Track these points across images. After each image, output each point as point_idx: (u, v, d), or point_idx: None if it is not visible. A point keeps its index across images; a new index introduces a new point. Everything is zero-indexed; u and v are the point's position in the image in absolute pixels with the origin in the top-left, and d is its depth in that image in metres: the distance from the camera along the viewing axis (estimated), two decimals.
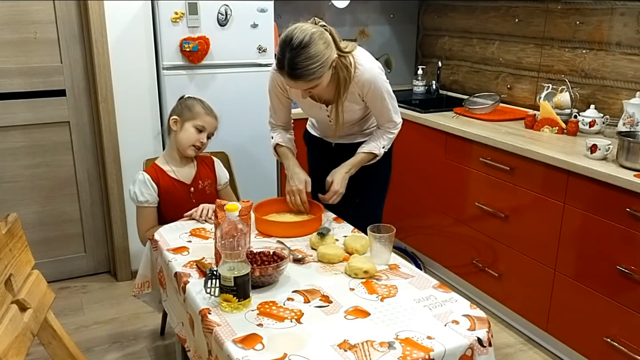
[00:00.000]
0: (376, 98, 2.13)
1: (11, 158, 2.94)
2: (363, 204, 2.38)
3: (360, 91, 2.09)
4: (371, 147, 2.23)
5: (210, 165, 2.42)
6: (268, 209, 2.16)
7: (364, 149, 2.24)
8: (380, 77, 2.10)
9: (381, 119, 2.24)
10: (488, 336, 1.43)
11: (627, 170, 2.18)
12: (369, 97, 2.12)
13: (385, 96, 2.15)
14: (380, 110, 2.20)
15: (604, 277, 2.25)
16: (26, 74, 2.87)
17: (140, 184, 2.25)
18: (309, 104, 2.20)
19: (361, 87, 2.08)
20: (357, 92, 2.10)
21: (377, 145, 2.23)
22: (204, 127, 2.27)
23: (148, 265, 2.12)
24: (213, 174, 2.41)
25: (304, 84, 1.90)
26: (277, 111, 2.31)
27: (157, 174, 2.29)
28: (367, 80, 2.07)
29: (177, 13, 2.84)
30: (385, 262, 1.78)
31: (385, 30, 4.01)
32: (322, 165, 2.33)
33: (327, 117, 2.22)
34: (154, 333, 2.70)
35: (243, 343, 1.37)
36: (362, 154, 2.23)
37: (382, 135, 2.25)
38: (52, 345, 1.61)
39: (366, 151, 2.22)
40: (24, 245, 1.57)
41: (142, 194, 2.24)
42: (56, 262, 3.14)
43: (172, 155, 2.33)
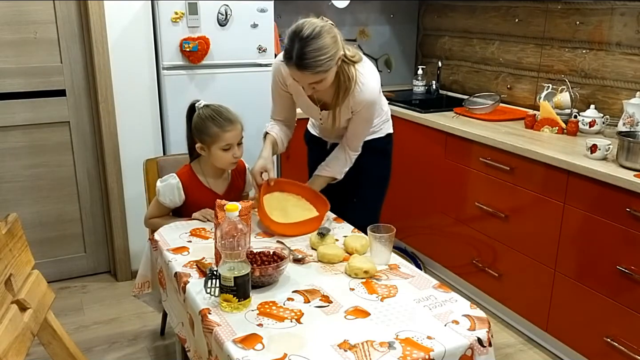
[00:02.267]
0: (361, 120, 2.16)
1: (11, 158, 2.94)
2: (360, 205, 2.37)
3: (354, 107, 2.11)
4: (334, 172, 2.24)
5: (242, 173, 2.34)
6: (274, 187, 2.14)
7: (325, 171, 2.24)
8: (375, 104, 2.15)
9: (352, 142, 2.23)
10: (488, 336, 1.43)
11: (627, 170, 2.18)
12: (356, 115, 2.14)
13: (369, 122, 2.19)
14: (356, 132, 2.21)
15: (604, 277, 2.25)
16: (26, 74, 2.87)
17: (168, 187, 2.17)
18: (306, 103, 2.20)
19: (357, 103, 2.09)
20: (351, 106, 2.11)
21: (339, 170, 2.24)
22: (229, 144, 2.12)
23: (148, 265, 2.11)
24: (242, 183, 2.34)
25: (311, 76, 1.89)
26: (277, 104, 2.29)
27: (190, 181, 2.19)
28: (364, 101, 2.08)
29: (177, 13, 2.84)
30: (385, 262, 1.78)
31: (385, 30, 4.01)
32: (317, 161, 2.34)
33: (320, 120, 2.26)
34: (154, 333, 2.70)
35: (243, 343, 1.37)
36: (324, 178, 2.24)
37: (345, 159, 2.24)
38: (52, 345, 1.61)
39: (328, 175, 2.23)
40: (24, 245, 1.57)
41: (164, 196, 2.17)
42: (56, 262, 3.14)
43: (208, 169, 2.22)
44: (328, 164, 2.25)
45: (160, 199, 2.19)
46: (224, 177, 2.27)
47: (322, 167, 2.25)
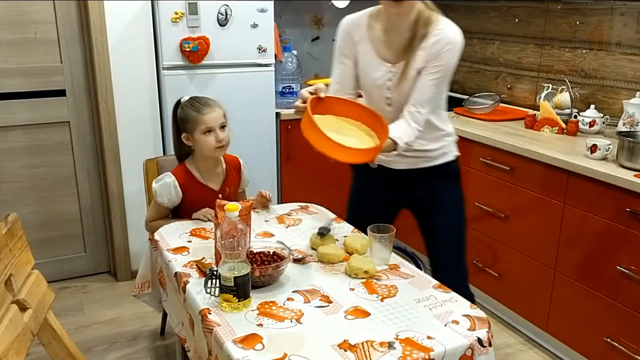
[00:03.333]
0: (431, 78, 1.84)
1: (11, 158, 2.94)
2: (444, 237, 2.11)
3: (429, 55, 1.82)
4: (394, 133, 1.80)
5: (237, 169, 2.35)
6: (327, 107, 1.77)
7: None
8: (455, 52, 1.83)
9: (415, 111, 1.85)
10: (488, 336, 1.43)
11: (627, 170, 2.18)
12: (428, 70, 1.83)
13: (439, 83, 1.86)
14: (421, 96, 1.85)
15: (604, 277, 2.25)
16: (26, 74, 2.87)
17: (165, 186, 2.17)
18: (372, 63, 1.92)
19: (434, 45, 1.81)
20: (426, 55, 1.83)
21: (400, 135, 1.82)
22: (209, 127, 2.15)
23: (148, 265, 2.11)
24: (238, 179, 2.34)
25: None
26: (336, 75, 2.01)
27: (186, 179, 2.20)
28: (443, 40, 1.81)
29: (177, 13, 2.84)
30: (385, 262, 1.78)
31: None
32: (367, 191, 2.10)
33: (386, 93, 1.93)
34: (154, 333, 2.70)
35: (243, 343, 1.37)
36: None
37: (407, 126, 1.85)
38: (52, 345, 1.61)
39: (391, 137, 1.79)
40: (24, 245, 1.57)
41: (162, 195, 2.18)
42: (56, 262, 3.14)
43: (200, 164, 2.24)
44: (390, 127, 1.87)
45: (158, 200, 2.19)
46: (218, 172, 2.28)
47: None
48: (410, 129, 1.85)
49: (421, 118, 1.86)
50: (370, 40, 1.92)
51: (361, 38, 1.94)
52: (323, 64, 3.86)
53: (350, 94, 2.00)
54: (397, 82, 1.89)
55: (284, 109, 3.25)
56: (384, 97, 1.95)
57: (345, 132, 1.72)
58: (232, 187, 2.30)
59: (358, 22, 1.95)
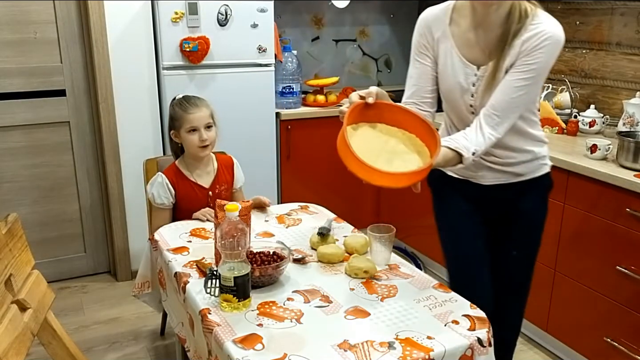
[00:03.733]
0: (526, 67, 1.55)
1: (11, 158, 2.94)
2: (518, 258, 1.87)
3: (519, 52, 1.55)
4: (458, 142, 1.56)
5: (229, 168, 2.37)
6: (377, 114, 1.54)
7: (445, 141, 1.56)
8: (556, 47, 1.56)
9: (493, 114, 1.57)
10: (488, 336, 1.43)
11: (627, 170, 2.18)
12: (520, 62, 1.55)
13: (535, 76, 1.55)
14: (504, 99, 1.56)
15: (604, 277, 2.25)
16: (26, 74, 2.87)
17: (159, 186, 2.22)
18: (455, 65, 1.66)
19: (528, 39, 1.53)
20: (515, 55, 1.56)
21: (465, 143, 1.56)
22: (194, 126, 2.20)
23: (148, 265, 2.11)
24: (231, 178, 2.37)
25: None
26: (412, 78, 1.77)
27: (176, 177, 2.25)
28: (541, 35, 1.53)
29: (177, 13, 2.84)
30: (385, 262, 1.78)
31: (385, 30, 4.01)
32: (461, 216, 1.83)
33: (469, 100, 1.67)
34: (154, 333, 2.70)
35: (243, 343, 1.37)
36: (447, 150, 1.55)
37: (476, 132, 1.59)
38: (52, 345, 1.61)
39: (449, 145, 1.55)
40: (24, 245, 1.57)
41: (160, 196, 2.21)
42: (56, 262, 3.14)
43: (190, 162, 2.29)
44: (453, 136, 1.62)
45: (158, 202, 2.22)
46: (208, 170, 2.32)
47: (450, 139, 1.60)
48: (482, 137, 1.57)
49: (499, 124, 1.57)
50: (453, 38, 1.66)
51: (443, 35, 1.68)
52: (323, 63, 3.87)
53: (427, 99, 1.76)
54: (484, 87, 1.61)
55: (284, 109, 3.25)
56: (467, 104, 1.69)
57: (390, 148, 1.50)
58: (223, 186, 2.33)
59: (439, 17, 1.68)
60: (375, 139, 1.51)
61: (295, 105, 3.32)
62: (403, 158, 1.48)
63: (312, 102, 3.39)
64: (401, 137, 1.54)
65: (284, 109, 3.25)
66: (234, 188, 2.39)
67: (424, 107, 1.76)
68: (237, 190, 2.41)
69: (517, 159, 1.73)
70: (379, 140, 1.52)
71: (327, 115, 3.33)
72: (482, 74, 1.63)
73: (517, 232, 1.82)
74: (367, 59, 4.02)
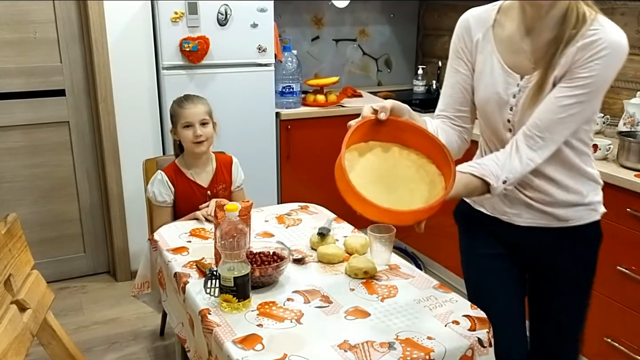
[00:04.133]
0: (579, 81, 1.29)
1: (11, 158, 2.94)
2: (555, 326, 1.61)
3: (572, 61, 1.29)
4: (484, 169, 1.32)
5: (228, 168, 2.38)
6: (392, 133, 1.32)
7: (471, 167, 1.33)
8: (618, 58, 1.28)
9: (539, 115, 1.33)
10: (488, 336, 1.43)
11: (628, 170, 2.18)
12: (571, 74, 1.30)
13: (590, 92, 1.29)
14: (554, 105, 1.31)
15: (604, 277, 2.24)
16: (26, 74, 2.87)
17: (159, 183, 2.24)
18: (494, 72, 1.43)
19: (584, 47, 1.28)
20: (566, 65, 1.30)
21: (493, 169, 1.32)
22: (188, 122, 2.23)
23: (148, 265, 2.11)
24: (229, 177, 2.38)
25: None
26: (447, 87, 1.54)
27: (175, 175, 2.27)
28: (599, 42, 1.26)
29: (177, 13, 2.83)
30: (385, 262, 1.78)
31: (385, 30, 4.01)
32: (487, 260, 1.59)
33: (507, 115, 1.42)
34: (154, 333, 2.70)
35: (243, 343, 1.36)
36: (465, 176, 1.31)
37: (510, 154, 1.34)
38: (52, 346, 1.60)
39: (473, 173, 1.32)
40: (23, 245, 1.56)
41: (161, 194, 2.24)
42: (56, 262, 3.14)
43: (189, 160, 2.31)
44: (478, 160, 1.37)
45: (158, 200, 2.23)
46: (207, 170, 2.33)
47: (474, 163, 1.36)
48: (519, 160, 1.32)
49: (541, 147, 1.32)
50: (495, 41, 1.43)
51: (484, 38, 1.45)
52: (323, 63, 3.87)
53: (463, 113, 1.53)
54: (526, 100, 1.36)
55: (284, 109, 3.25)
56: (505, 119, 1.43)
57: (398, 173, 1.29)
58: (221, 185, 2.34)
59: (482, 17, 1.46)
60: (382, 161, 1.30)
61: (295, 105, 3.32)
62: (409, 187, 1.27)
63: (312, 102, 3.39)
64: (414, 162, 1.31)
65: (284, 109, 3.25)
66: (232, 188, 2.39)
67: (458, 122, 1.53)
68: (236, 190, 2.41)
69: (561, 197, 1.44)
70: (386, 163, 1.30)
71: (327, 115, 3.33)
72: (526, 84, 1.38)
73: (559, 289, 1.54)
74: (367, 58, 4.02)
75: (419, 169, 1.30)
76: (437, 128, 1.48)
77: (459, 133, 1.55)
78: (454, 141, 1.52)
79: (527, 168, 1.33)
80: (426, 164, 1.30)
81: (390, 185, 1.25)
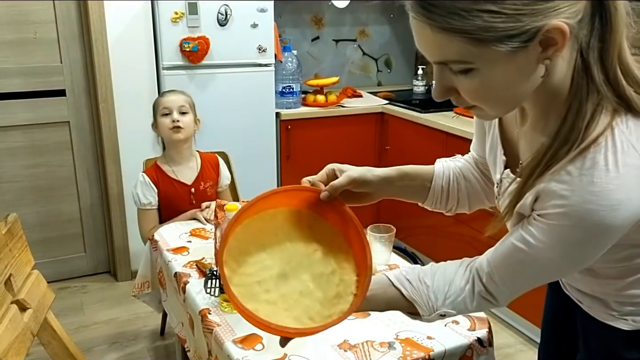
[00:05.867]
0: (535, 229, 0.89)
1: (11, 158, 2.94)
2: None
3: (534, 196, 0.88)
4: (415, 295, 1.00)
5: (215, 166, 2.40)
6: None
7: (401, 284, 1.01)
8: (584, 230, 0.83)
9: (496, 249, 1.00)
10: (488, 336, 1.43)
11: None
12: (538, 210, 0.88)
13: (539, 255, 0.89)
14: (509, 242, 0.95)
15: None
16: (26, 74, 2.87)
17: (142, 185, 2.25)
18: (493, 150, 1.09)
19: (542, 193, 0.86)
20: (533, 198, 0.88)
21: (428, 303, 1.00)
22: (167, 108, 2.25)
23: (148, 265, 2.12)
24: (216, 175, 2.39)
25: (430, 33, 0.79)
26: (474, 123, 1.22)
27: (157, 175, 2.28)
28: (556, 200, 0.84)
29: (177, 13, 2.84)
30: (385, 262, 1.78)
31: (385, 30, 4.01)
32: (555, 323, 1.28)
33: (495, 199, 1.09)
34: (154, 333, 2.70)
35: (243, 343, 1.37)
36: (392, 296, 1.02)
37: (461, 286, 1.01)
38: (52, 345, 1.60)
39: (404, 294, 1.00)
40: (23, 245, 1.56)
41: (145, 196, 2.24)
42: (56, 262, 3.14)
43: (170, 155, 2.32)
44: (415, 276, 1.02)
45: (143, 202, 2.26)
46: (190, 166, 2.33)
47: (403, 275, 1.02)
48: (471, 297, 0.99)
49: (494, 288, 0.97)
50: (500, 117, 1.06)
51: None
52: (323, 64, 3.87)
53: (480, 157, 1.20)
54: (502, 205, 1.03)
55: (284, 109, 3.25)
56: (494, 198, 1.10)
57: (302, 260, 1.00)
58: (208, 183, 2.34)
59: None
60: (297, 252, 1.01)
61: (295, 105, 3.32)
62: (301, 280, 0.98)
63: (312, 102, 3.39)
64: (336, 253, 1.01)
65: (284, 109, 3.25)
66: (219, 187, 2.40)
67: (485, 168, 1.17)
68: (223, 189, 2.42)
69: (607, 298, 1.02)
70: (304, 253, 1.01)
71: (327, 116, 3.33)
72: (507, 180, 1.01)
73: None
74: (367, 59, 4.02)
75: (337, 262, 1.01)
76: (454, 167, 1.20)
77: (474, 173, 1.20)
78: (468, 175, 1.20)
79: (480, 307, 1.00)
80: (349, 257, 1.01)
81: (280, 272, 0.98)
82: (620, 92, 0.82)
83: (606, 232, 0.82)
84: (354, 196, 1.09)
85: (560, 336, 1.27)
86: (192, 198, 2.29)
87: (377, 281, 1.02)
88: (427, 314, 1.00)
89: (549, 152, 0.84)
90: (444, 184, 1.17)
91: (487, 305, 0.99)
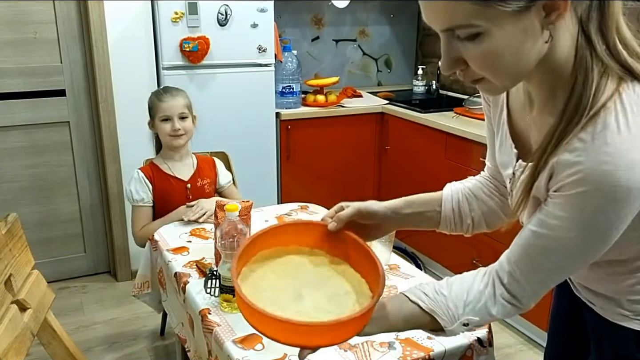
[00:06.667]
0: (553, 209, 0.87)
1: (11, 158, 2.94)
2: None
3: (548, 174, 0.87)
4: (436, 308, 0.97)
5: (212, 166, 2.41)
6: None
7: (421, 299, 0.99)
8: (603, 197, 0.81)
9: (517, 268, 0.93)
10: (488, 336, 1.43)
11: None
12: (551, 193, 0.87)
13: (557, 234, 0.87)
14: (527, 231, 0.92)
15: None
16: (26, 74, 2.87)
17: (135, 181, 2.26)
18: (503, 147, 1.07)
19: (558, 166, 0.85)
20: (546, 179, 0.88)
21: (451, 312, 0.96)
22: (167, 115, 2.24)
23: (148, 265, 2.11)
24: (213, 174, 2.40)
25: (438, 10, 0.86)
26: (487, 140, 1.17)
27: (152, 171, 2.28)
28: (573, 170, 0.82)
29: (177, 13, 2.84)
30: (385, 262, 1.78)
31: (385, 30, 4.01)
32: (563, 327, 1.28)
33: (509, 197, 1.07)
34: (154, 333, 2.70)
35: (243, 343, 1.37)
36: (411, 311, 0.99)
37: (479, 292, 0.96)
38: (52, 345, 1.60)
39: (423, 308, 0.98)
40: (23, 245, 1.56)
41: (137, 192, 2.25)
42: (56, 262, 3.14)
43: (166, 153, 2.33)
44: (431, 288, 1.00)
45: (135, 199, 2.25)
46: (187, 163, 2.34)
47: (419, 289, 1.02)
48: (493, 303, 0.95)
49: (517, 288, 0.93)
50: (507, 107, 1.05)
51: (500, 103, 1.07)
52: (323, 63, 3.87)
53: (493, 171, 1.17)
54: (515, 197, 0.98)
55: (284, 109, 3.25)
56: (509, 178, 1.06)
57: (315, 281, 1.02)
58: (206, 180, 2.34)
59: None
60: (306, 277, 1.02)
61: (295, 105, 3.32)
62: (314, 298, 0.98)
63: (312, 102, 3.39)
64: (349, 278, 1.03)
65: (284, 109, 3.25)
66: (218, 185, 2.41)
67: (498, 182, 1.16)
68: (225, 187, 2.43)
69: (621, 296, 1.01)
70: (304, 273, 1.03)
71: (327, 116, 3.33)
72: (519, 171, 0.99)
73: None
74: (367, 59, 4.02)
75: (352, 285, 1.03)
76: (463, 189, 1.18)
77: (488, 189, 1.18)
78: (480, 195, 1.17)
79: (504, 310, 0.95)
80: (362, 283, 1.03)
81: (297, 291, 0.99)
82: (622, 62, 0.85)
83: (625, 197, 0.80)
84: (363, 229, 1.10)
85: (568, 338, 1.25)
86: (189, 193, 2.29)
87: (392, 299, 1.02)
88: (448, 324, 0.96)
89: (560, 126, 0.85)
90: (454, 206, 1.17)
91: (511, 309, 0.95)
